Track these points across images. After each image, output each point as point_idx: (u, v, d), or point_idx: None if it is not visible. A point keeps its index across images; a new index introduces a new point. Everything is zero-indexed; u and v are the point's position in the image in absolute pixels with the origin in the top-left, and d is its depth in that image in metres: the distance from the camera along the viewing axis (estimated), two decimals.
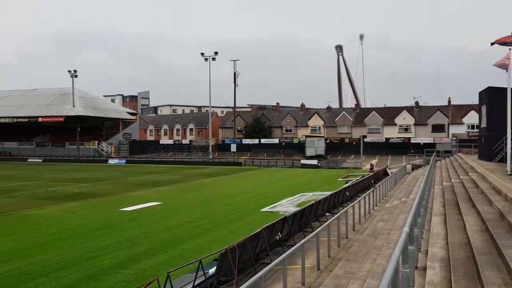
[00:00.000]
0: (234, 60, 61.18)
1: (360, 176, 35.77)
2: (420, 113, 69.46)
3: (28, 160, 68.42)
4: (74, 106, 72.34)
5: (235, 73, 61.05)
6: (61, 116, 71.17)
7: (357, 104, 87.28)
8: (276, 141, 72.25)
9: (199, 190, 32.18)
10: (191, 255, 13.67)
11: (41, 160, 67.29)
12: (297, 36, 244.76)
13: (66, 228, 18.30)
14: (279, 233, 14.32)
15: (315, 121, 75.11)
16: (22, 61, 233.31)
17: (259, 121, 76.89)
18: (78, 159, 67.79)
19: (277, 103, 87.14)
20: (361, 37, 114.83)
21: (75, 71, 70.29)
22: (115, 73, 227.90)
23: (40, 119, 72.94)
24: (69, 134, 73.50)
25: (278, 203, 24.18)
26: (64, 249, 14.63)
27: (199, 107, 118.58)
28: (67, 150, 74.29)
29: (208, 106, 69.12)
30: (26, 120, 74.15)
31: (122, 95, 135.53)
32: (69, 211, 22.31)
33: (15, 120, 74.43)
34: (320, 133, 72.97)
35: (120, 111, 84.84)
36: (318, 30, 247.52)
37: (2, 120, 74.88)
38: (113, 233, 17.14)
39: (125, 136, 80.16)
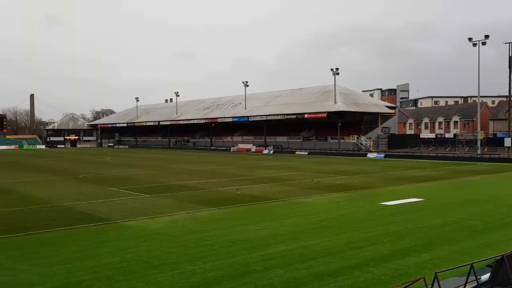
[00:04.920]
0: (509, 43, 53.45)
1: None
2: None
3: (296, 152, 76.26)
4: (335, 102, 76.45)
5: (510, 57, 53.25)
6: (324, 112, 76.18)
7: None
8: None
9: (467, 188, 29.45)
10: (458, 257, 12.61)
11: (306, 153, 73.97)
12: None
13: (330, 217, 19.41)
14: None
15: None
16: (281, 63, 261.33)
17: None
18: (339, 153, 71.46)
19: None
20: None
21: (337, 69, 74.14)
22: (371, 68, 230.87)
23: (305, 115, 79.81)
24: (331, 129, 78.33)
25: None
26: (330, 237, 15.52)
27: (465, 98, 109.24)
28: (329, 144, 79.29)
29: (476, 96, 62.60)
30: (294, 116, 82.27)
31: (380, 89, 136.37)
32: (332, 201, 23.62)
33: (285, 117, 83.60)
34: None
35: (379, 105, 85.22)
36: None
37: (275, 118, 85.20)
38: (375, 225, 17.26)
39: (383, 130, 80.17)
